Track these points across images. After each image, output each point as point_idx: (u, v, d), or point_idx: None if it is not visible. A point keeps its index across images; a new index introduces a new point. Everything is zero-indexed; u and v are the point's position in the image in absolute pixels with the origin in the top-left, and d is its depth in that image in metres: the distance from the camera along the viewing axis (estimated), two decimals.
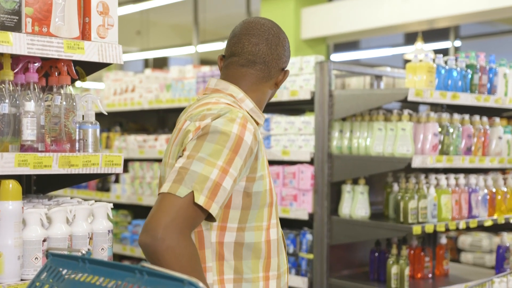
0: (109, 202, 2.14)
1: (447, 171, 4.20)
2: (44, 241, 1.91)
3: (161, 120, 5.98)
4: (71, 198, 2.22)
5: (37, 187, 2.47)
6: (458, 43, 9.12)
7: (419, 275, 3.81)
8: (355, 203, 3.73)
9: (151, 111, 5.79)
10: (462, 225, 3.67)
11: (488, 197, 3.89)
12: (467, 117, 3.80)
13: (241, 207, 1.76)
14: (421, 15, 7.80)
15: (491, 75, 3.85)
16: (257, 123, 1.92)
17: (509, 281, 3.65)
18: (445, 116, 3.67)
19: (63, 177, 2.30)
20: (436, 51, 8.28)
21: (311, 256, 3.89)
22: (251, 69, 1.92)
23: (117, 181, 5.64)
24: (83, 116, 2.14)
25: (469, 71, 3.72)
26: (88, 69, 2.26)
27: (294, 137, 3.99)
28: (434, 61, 3.58)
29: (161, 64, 14.32)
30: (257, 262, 1.80)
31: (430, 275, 3.86)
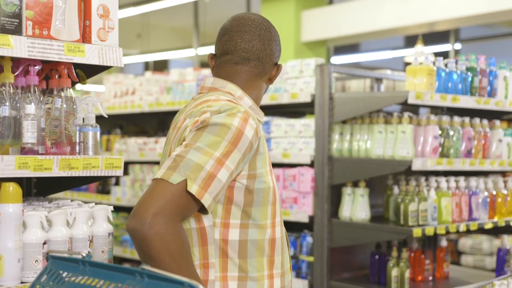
0: (110, 204, 2.14)
1: (447, 173, 4.20)
2: (44, 243, 1.91)
3: (161, 122, 5.99)
4: (71, 200, 2.22)
5: (37, 189, 2.47)
6: (458, 46, 9.12)
7: (420, 278, 3.80)
8: (356, 206, 3.72)
9: (152, 114, 5.79)
10: (462, 228, 3.66)
11: (488, 199, 3.89)
12: (467, 120, 3.80)
13: (243, 203, 1.74)
14: (421, 18, 7.80)
15: (491, 78, 3.85)
16: (258, 121, 1.90)
17: (510, 284, 3.65)
18: (445, 119, 3.67)
19: (63, 179, 2.30)
20: (436, 54, 8.28)
21: (311, 258, 3.89)
22: (246, 66, 1.90)
23: (117, 183, 5.64)
24: (84, 118, 2.14)
25: (469, 74, 3.72)
26: (88, 71, 2.26)
27: (294, 139, 3.99)
28: (434, 64, 3.58)
29: (161, 67, 14.34)
30: (261, 260, 1.78)
31: (430, 278, 3.86)
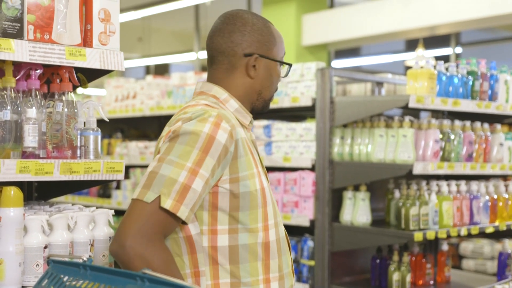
0: (111, 208, 2.14)
1: (448, 177, 4.20)
2: (45, 247, 1.91)
3: (162, 126, 5.95)
4: (72, 204, 2.22)
5: (38, 193, 2.47)
6: (459, 50, 9.13)
7: (421, 282, 3.80)
8: (356, 210, 3.72)
9: (153, 118, 5.79)
10: (463, 232, 3.66)
11: (489, 203, 3.89)
12: (468, 123, 3.80)
13: (229, 208, 1.72)
14: (422, 22, 7.80)
15: (492, 82, 3.85)
16: (242, 124, 1.84)
17: None
18: (446, 122, 3.67)
19: (64, 183, 2.30)
20: (437, 58, 8.29)
21: (312, 262, 3.88)
22: (215, 64, 1.88)
23: (118, 187, 5.64)
24: (85, 122, 2.14)
25: (470, 77, 3.72)
26: (89, 75, 2.26)
27: (295, 143, 3.99)
28: (435, 67, 3.58)
29: (162, 70, 14.35)
30: (255, 264, 1.75)
31: (431, 282, 3.85)
